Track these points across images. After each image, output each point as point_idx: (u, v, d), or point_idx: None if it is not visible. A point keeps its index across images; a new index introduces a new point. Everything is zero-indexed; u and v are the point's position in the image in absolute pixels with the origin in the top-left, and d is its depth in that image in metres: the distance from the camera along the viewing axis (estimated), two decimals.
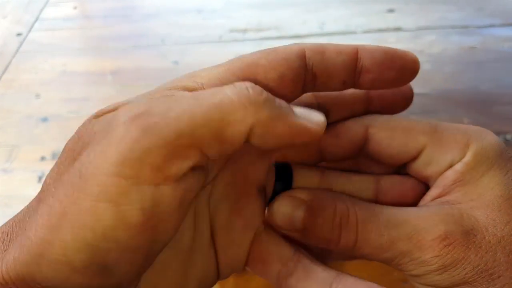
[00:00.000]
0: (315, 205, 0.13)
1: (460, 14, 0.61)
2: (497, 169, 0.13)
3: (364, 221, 0.13)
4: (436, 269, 0.12)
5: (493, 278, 0.12)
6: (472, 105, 0.45)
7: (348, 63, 0.13)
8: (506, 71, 0.51)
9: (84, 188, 0.10)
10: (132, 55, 0.54)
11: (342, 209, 0.13)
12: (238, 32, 0.58)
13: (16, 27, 0.60)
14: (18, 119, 0.45)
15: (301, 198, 0.14)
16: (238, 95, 0.11)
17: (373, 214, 0.13)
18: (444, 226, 0.12)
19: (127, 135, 0.10)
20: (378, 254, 0.13)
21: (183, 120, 0.10)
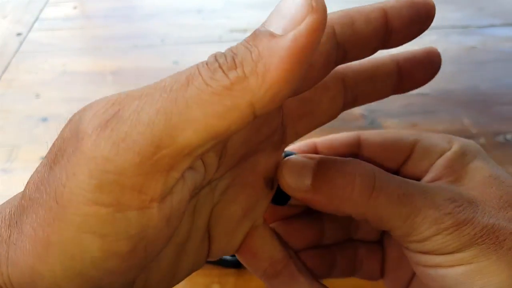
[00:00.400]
0: (327, 159, 0.13)
1: (460, 14, 0.61)
2: (480, 158, 0.15)
3: (380, 173, 0.13)
4: (448, 227, 0.12)
5: (500, 241, 0.12)
6: (472, 105, 0.45)
7: (379, 30, 0.12)
8: (507, 71, 0.51)
9: (64, 216, 0.09)
10: (132, 55, 0.54)
11: (355, 162, 0.13)
12: (238, 32, 0.58)
13: (16, 27, 0.60)
14: (18, 119, 0.45)
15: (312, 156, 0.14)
16: (217, 80, 0.09)
17: (387, 173, 0.13)
18: (451, 193, 0.13)
19: (96, 151, 0.09)
20: (393, 209, 0.12)
21: (159, 124, 0.09)
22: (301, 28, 0.09)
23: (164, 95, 0.09)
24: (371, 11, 0.12)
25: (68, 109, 0.54)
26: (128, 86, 0.50)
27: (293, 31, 0.09)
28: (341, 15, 0.12)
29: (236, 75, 0.09)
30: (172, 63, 0.53)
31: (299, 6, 0.09)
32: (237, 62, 0.09)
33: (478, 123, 0.43)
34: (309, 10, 0.09)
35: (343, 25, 0.12)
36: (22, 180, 0.44)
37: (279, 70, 0.09)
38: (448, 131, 0.43)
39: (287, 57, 0.09)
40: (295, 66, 0.09)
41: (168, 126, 0.09)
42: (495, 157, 0.39)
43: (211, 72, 0.09)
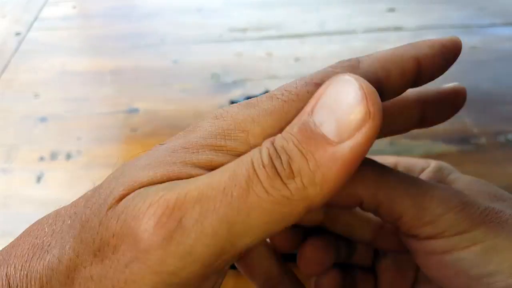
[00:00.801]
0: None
1: (461, 14, 0.61)
2: (456, 172, 0.16)
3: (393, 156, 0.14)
4: (456, 206, 0.12)
5: (503, 220, 0.12)
6: (473, 105, 0.45)
7: (412, 80, 0.13)
8: (508, 70, 0.51)
9: None
10: (131, 55, 0.54)
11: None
12: (238, 31, 0.57)
13: (15, 26, 0.60)
14: (16, 118, 0.45)
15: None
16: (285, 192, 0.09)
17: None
18: (448, 186, 0.14)
19: (163, 266, 0.09)
20: (401, 189, 0.12)
21: (222, 234, 0.09)
22: (359, 138, 0.09)
23: (224, 201, 0.09)
24: (407, 61, 0.12)
25: (67, 108, 0.54)
26: (127, 86, 0.50)
27: (351, 141, 0.09)
28: (378, 67, 0.12)
29: (295, 186, 0.09)
30: (172, 62, 0.53)
31: (356, 112, 0.09)
32: (294, 170, 0.09)
33: (479, 123, 0.43)
34: (366, 117, 0.09)
35: (379, 79, 0.12)
36: (21, 180, 0.43)
37: (336, 179, 0.09)
38: (449, 131, 0.42)
39: (345, 166, 0.09)
40: (351, 171, 0.09)
41: (231, 234, 0.09)
42: (496, 157, 0.39)
43: (270, 179, 0.09)
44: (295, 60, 0.53)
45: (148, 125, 0.43)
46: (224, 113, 0.11)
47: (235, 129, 0.11)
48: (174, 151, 0.11)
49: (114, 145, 0.41)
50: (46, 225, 0.12)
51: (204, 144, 0.11)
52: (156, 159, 0.11)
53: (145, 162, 0.11)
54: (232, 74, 0.50)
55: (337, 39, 0.56)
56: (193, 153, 0.11)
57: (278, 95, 0.11)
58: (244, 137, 0.10)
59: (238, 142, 0.10)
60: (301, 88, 0.11)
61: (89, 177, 0.37)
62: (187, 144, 0.11)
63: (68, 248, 0.10)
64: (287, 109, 0.10)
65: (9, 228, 0.34)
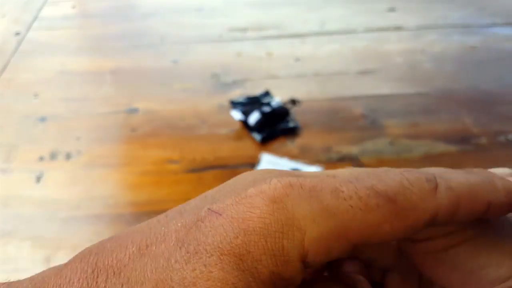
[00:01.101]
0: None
1: (461, 13, 0.61)
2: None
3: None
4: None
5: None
6: (473, 105, 0.45)
7: (477, 217, 0.12)
8: (508, 70, 0.50)
9: None
10: (131, 54, 0.54)
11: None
12: (238, 31, 0.57)
13: (14, 26, 0.60)
14: (16, 118, 0.45)
15: None
16: None
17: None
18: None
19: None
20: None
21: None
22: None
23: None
24: (480, 204, 0.11)
25: (66, 108, 0.53)
26: (127, 85, 0.50)
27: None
28: (454, 201, 0.11)
29: None
30: (172, 62, 0.53)
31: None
32: None
33: (479, 123, 0.43)
34: None
35: (451, 212, 0.11)
36: (21, 180, 0.43)
37: None
38: (449, 130, 0.42)
39: None
40: None
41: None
42: (496, 157, 0.39)
43: None
44: (295, 59, 0.53)
45: (148, 125, 0.43)
46: (283, 197, 0.10)
47: (292, 226, 0.10)
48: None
49: (114, 145, 0.41)
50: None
51: (264, 248, 0.10)
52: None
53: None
54: (232, 74, 0.50)
55: (338, 38, 0.56)
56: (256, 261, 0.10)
57: (345, 195, 0.10)
58: (299, 238, 0.10)
59: (292, 244, 0.10)
60: (371, 198, 0.10)
61: (89, 177, 0.37)
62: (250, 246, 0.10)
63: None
64: (350, 215, 0.10)
65: (9, 228, 0.34)
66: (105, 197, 0.35)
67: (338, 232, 0.10)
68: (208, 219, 0.10)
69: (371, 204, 0.10)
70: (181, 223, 0.10)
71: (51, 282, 0.10)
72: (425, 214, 0.10)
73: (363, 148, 0.39)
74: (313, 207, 0.10)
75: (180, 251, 0.10)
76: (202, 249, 0.09)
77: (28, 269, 0.30)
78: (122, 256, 0.10)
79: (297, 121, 0.42)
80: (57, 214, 0.34)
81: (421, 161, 0.38)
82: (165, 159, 0.39)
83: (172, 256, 0.10)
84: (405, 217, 0.10)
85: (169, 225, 0.10)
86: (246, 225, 0.10)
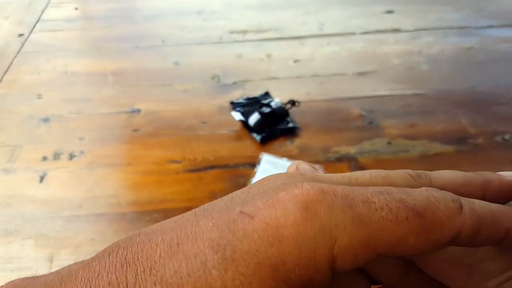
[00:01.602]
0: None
1: (458, 15, 0.61)
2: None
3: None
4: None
5: None
6: (470, 105, 0.46)
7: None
8: (504, 71, 0.51)
9: None
10: (133, 56, 0.54)
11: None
12: (238, 33, 0.58)
13: (17, 28, 0.61)
14: (19, 119, 0.45)
15: None
16: None
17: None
18: None
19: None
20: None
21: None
22: None
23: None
24: (499, 229, 0.11)
25: (69, 109, 0.54)
26: (129, 87, 0.51)
27: None
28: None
29: None
30: (173, 64, 0.53)
31: None
32: None
33: (476, 123, 0.43)
34: None
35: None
36: (24, 180, 0.44)
37: None
38: (446, 131, 0.43)
39: None
40: None
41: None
42: (493, 157, 0.40)
43: None
44: (295, 61, 0.53)
45: (150, 125, 0.43)
46: (316, 203, 0.10)
47: (324, 234, 0.10)
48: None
49: (116, 145, 0.41)
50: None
51: (298, 258, 0.10)
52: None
53: None
54: (232, 75, 0.51)
55: (336, 40, 0.57)
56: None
57: (376, 206, 0.10)
58: (330, 245, 0.10)
59: (324, 252, 0.10)
60: (401, 211, 0.10)
61: (91, 177, 0.38)
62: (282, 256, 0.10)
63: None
64: (380, 226, 0.10)
65: (12, 227, 0.34)
66: (108, 196, 0.36)
67: (367, 241, 0.10)
68: (240, 222, 0.10)
69: (401, 216, 0.10)
70: (212, 223, 0.10)
71: (79, 275, 0.10)
72: (450, 231, 0.10)
73: (361, 148, 0.40)
74: (345, 215, 0.10)
75: (216, 256, 0.09)
76: (239, 257, 0.09)
77: (31, 267, 0.31)
78: (152, 252, 0.10)
79: (296, 122, 0.43)
80: (60, 213, 0.35)
81: (418, 161, 0.39)
82: (166, 159, 0.39)
83: (208, 261, 0.09)
84: (431, 232, 0.10)
85: (199, 224, 0.10)
86: (280, 233, 0.10)
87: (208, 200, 0.13)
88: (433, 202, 0.10)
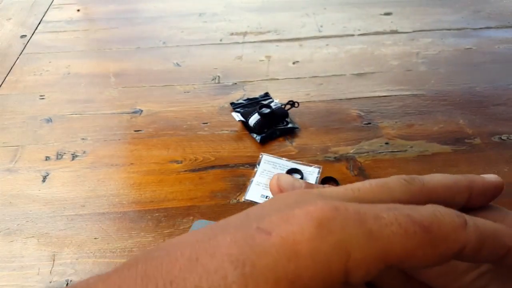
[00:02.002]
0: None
1: (456, 17, 0.62)
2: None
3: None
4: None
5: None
6: (467, 106, 0.46)
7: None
8: (502, 72, 0.52)
9: None
10: (134, 57, 0.55)
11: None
12: (238, 35, 0.59)
13: (20, 29, 0.61)
14: (22, 119, 0.46)
15: None
16: None
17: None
18: None
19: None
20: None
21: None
22: None
23: None
24: (501, 247, 0.12)
25: (71, 110, 0.54)
26: (130, 88, 0.52)
27: None
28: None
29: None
30: (174, 65, 0.54)
31: None
32: None
33: (474, 124, 0.44)
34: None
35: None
36: (27, 180, 0.44)
37: None
38: (443, 131, 0.43)
39: None
40: None
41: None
42: (490, 157, 0.40)
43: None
44: (294, 62, 0.54)
45: (151, 125, 0.44)
46: (331, 220, 0.10)
47: (339, 248, 0.10)
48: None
49: (119, 145, 0.42)
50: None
51: (314, 273, 0.10)
52: None
53: None
54: (232, 76, 0.51)
55: (335, 42, 0.57)
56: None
57: (387, 221, 0.11)
58: (344, 260, 0.10)
59: (338, 267, 0.10)
60: (410, 225, 0.11)
61: (94, 177, 0.38)
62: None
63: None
64: (391, 240, 0.10)
65: (15, 226, 0.35)
66: (110, 195, 0.36)
67: (379, 255, 0.10)
68: (258, 237, 0.10)
69: (410, 231, 0.10)
70: (230, 238, 0.10)
71: (99, 287, 0.10)
72: (455, 245, 0.11)
73: (360, 148, 0.40)
74: (358, 231, 0.10)
75: (236, 271, 0.10)
76: (258, 272, 0.10)
77: (34, 266, 0.31)
78: (171, 267, 0.10)
79: (295, 122, 0.43)
80: (62, 212, 0.35)
81: (416, 161, 0.39)
82: (167, 159, 0.40)
83: (229, 276, 0.10)
84: (437, 246, 0.11)
85: (217, 239, 0.11)
86: (297, 248, 0.10)
87: (209, 199, 0.13)
88: (438, 217, 0.11)
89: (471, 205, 0.13)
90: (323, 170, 0.38)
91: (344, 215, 0.10)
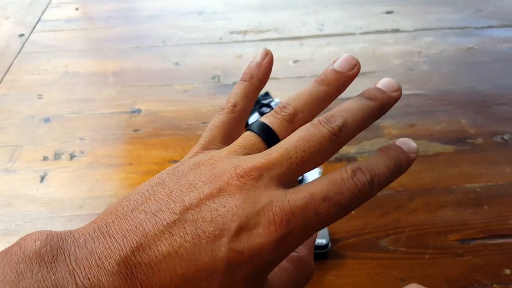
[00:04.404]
0: None
1: (458, 16, 0.62)
2: None
3: None
4: None
5: None
6: (469, 106, 0.46)
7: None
8: (504, 71, 0.51)
9: None
10: (133, 56, 0.55)
11: None
12: (238, 33, 0.58)
13: (18, 28, 0.61)
14: (20, 119, 0.45)
15: None
16: None
17: None
18: None
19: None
20: None
21: None
22: None
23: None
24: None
25: (70, 109, 0.54)
26: (129, 87, 0.51)
27: None
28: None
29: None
30: (173, 64, 0.53)
31: None
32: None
33: (476, 124, 0.43)
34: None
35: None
36: (25, 180, 0.44)
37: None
38: (445, 131, 0.43)
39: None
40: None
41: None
42: (492, 157, 0.40)
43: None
44: (294, 61, 0.54)
45: (150, 125, 0.44)
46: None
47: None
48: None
49: (117, 145, 0.42)
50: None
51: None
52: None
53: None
54: (232, 75, 0.51)
55: (336, 41, 0.57)
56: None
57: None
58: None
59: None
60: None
61: (92, 177, 0.38)
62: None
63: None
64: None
65: (13, 227, 0.34)
66: (108, 196, 0.36)
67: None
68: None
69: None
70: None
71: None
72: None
73: (361, 148, 0.40)
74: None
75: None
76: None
77: None
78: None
79: None
80: (60, 213, 0.35)
81: (417, 161, 0.39)
82: (166, 158, 0.39)
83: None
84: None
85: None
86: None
87: None
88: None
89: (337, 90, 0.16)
90: (324, 170, 0.37)
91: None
